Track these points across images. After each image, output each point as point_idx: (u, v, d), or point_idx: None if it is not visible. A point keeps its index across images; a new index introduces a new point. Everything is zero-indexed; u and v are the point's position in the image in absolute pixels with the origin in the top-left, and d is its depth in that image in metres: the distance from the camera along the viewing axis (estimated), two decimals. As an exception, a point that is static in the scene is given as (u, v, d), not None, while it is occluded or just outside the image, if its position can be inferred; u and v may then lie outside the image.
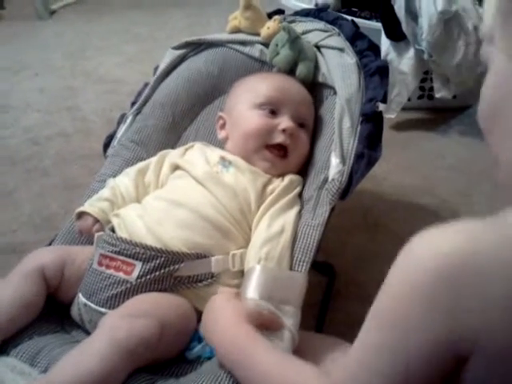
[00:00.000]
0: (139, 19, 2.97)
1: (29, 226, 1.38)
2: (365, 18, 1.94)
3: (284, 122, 0.97)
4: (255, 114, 0.99)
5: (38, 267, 0.82)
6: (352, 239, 1.31)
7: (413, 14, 1.61)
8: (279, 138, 0.97)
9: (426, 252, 0.42)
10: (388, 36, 1.67)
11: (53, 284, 0.83)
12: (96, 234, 0.88)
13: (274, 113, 0.99)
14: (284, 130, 0.97)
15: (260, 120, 0.98)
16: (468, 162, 1.56)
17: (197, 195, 0.90)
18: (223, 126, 1.04)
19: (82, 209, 0.93)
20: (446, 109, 1.86)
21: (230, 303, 0.74)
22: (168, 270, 0.80)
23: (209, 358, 0.76)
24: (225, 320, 0.71)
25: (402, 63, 1.67)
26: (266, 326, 0.74)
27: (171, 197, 0.90)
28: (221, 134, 1.05)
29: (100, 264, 0.82)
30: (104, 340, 0.68)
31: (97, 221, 0.91)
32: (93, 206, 0.93)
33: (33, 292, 0.80)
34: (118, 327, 0.70)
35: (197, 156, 0.99)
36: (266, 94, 1.00)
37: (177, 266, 0.80)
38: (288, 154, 0.98)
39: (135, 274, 0.79)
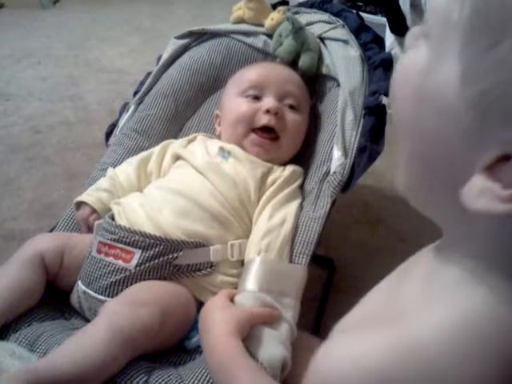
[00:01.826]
0: (143, 10, 2.96)
1: (30, 214, 1.38)
2: (370, 12, 1.94)
3: (267, 102, 0.98)
4: (240, 101, 1.00)
5: (38, 254, 0.82)
6: (352, 234, 1.31)
7: (418, 9, 1.60)
8: (264, 120, 0.97)
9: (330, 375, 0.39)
10: (393, 31, 1.66)
11: (52, 271, 0.83)
12: (96, 222, 0.88)
13: (258, 98, 0.99)
14: (268, 111, 0.97)
15: (244, 105, 0.99)
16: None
17: (197, 184, 0.90)
18: (220, 123, 1.05)
19: (79, 198, 0.93)
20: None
21: (224, 313, 0.72)
22: (167, 258, 0.80)
23: None
24: (215, 333, 0.69)
25: (407, 59, 1.67)
26: (264, 319, 0.74)
27: (171, 186, 0.90)
28: (217, 131, 1.06)
29: (99, 252, 0.82)
30: (105, 326, 0.68)
31: (94, 211, 0.91)
32: (91, 195, 0.93)
33: (32, 279, 0.80)
34: (119, 314, 0.70)
35: (198, 147, 0.99)
36: (248, 80, 1.01)
37: (176, 255, 0.80)
38: (278, 135, 0.98)
39: (134, 261, 0.79)
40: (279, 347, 0.71)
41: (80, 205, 0.93)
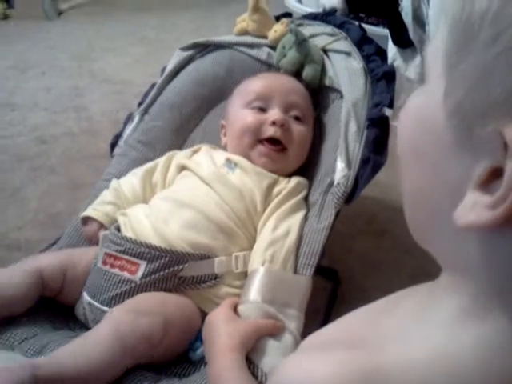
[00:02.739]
0: (147, 21, 2.99)
1: (34, 224, 1.38)
2: (372, 24, 1.95)
3: (273, 114, 0.98)
4: (245, 112, 1.00)
5: (37, 269, 0.81)
6: (357, 245, 1.30)
7: (420, 21, 1.60)
8: (270, 131, 0.97)
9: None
10: (395, 42, 1.67)
11: (53, 286, 0.82)
12: (101, 233, 0.88)
13: (263, 109, 1.00)
14: (274, 123, 0.97)
15: (249, 117, 0.99)
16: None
17: (203, 195, 0.90)
18: (225, 133, 1.06)
19: (86, 214, 0.93)
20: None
21: (229, 327, 0.72)
22: (172, 270, 0.80)
23: None
24: (218, 347, 0.69)
25: (409, 70, 1.67)
26: (269, 331, 0.74)
27: (177, 197, 0.90)
28: (223, 141, 1.06)
29: (105, 263, 0.82)
30: (107, 332, 0.69)
31: (101, 225, 0.92)
32: (96, 210, 0.93)
33: (27, 284, 0.79)
34: (122, 321, 0.71)
35: (203, 157, 1.00)
36: (253, 92, 1.01)
37: (181, 267, 0.81)
38: (285, 147, 0.98)
39: (140, 273, 0.80)
40: (282, 358, 0.71)
41: (86, 220, 0.94)
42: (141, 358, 0.71)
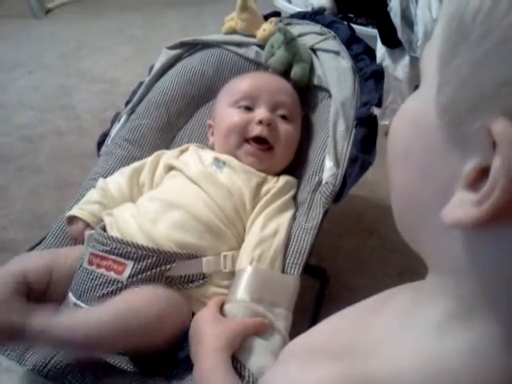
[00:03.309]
0: (135, 20, 2.97)
1: (20, 224, 1.37)
2: (361, 24, 1.95)
3: (259, 113, 0.98)
4: (232, 111, 1.00)
5: (21, 271, 0.79)
6: (345, 244, 1.31)
7: (408, 22, 1.61)
8: (256, 130, 0.97)
9: None
10: (383, 42, 1.67)
11: (38, 288, 0.81)
12: (87, 233, 0.87)
13: (250, 108, 1.00)
14: (260, 122, 0.97)
15: (236, 116, 0.99)
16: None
17: (191, 195, 0.90)
18: (212, 133, 1.05)
19: (71, 213, 0.92)
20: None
21: (215, 328, 0.72)
22: (159, 270, 0.79)
23: None
24: (204, 347, 0.70)
25: (397, 70, 1.68)
26: (256, 330, 0.74)
27: (165, 197, 0.90)
28: (210, 141, 1.06)
29: (90, 263, 0.81)
30: (109, 309, 0.72)
31: (87, 225, 0.91)
32: (82, 209, 0.92)
33: (11, 288, 0.76)
34: (123, 305, 0.73)
35: (191, 157, 0.99)
36: (240, 91, 1.01)
37: (168, 266, 0.80)
38: (271, 146, 0.98)
39: (126, 273, 0.78)
40: (271, 357, 0.71)
41: (72, 219, 0.92)
42: (134, 342, 0.72)
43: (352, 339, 0.39)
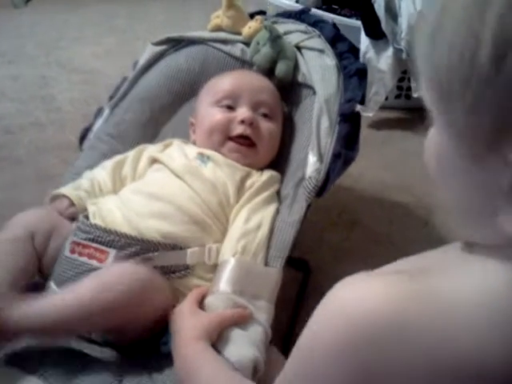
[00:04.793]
0: (117, 11, 2.93)
1: (-1, 217, 1.34)
2: (345, 15, 1.95)
3: (241, 113, 0.98)
4: (214, 111, 1.00)
5: (28, 233, 0.82)
6: (328, 236, 1.31)
7: (392, 13, 1.62)
8: (239, 129, 0.98)
9: (351, 306, 0.39)
10: (367, 34, 1.68)
11: (40, 252, 0.83)
12: (73, 225, 0.86)
13: (232, 108, 1.00)
14: (242, 121, 0.97)
15: (218, 115, 0.99)
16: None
17: (175, 188, 0.90)
18: (194, 130, 1.05)
19: (59, 191, 0.92)
20: (423, 109, 1.87)
21: (193, 319, 0.72)
22: (142, 259, 0.79)
23: None
24: (183, 337, 0.70)
25: (381, 62, 1.68)
26: (234, 321, 0.74)
27: (149, 190, 0.90)
28: (192, 138, 1.06)
29: (72, 251, 0.80)
30: (91, 282, 0.73)
31: (72, 205, 0.90)
32: (70, 190, 0.92)
33: (26, 258, 0.81)
34: (107, 275, 0.74)
35: (175, 151, 0.99)
36: (222, 90, 1.01)
37: (151, 255, 0.80)
38: (254, 143, 0.99)
39: (109, 261, 0.78)
40: (250, 348, 0.71)
41: (56, 198, 0.92)
42: (117, 315, 0.72)
43: (416, 265, 0.44)
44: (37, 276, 0.85)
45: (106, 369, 0.70)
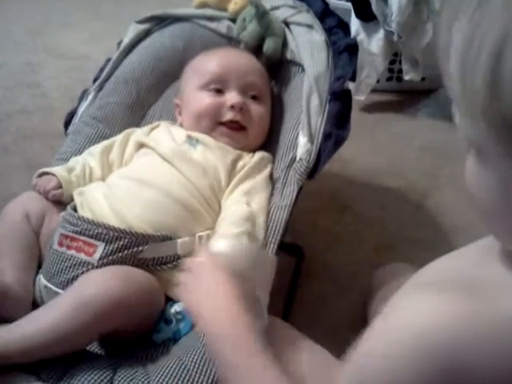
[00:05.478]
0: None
1: (-14, 207, 1.32)
2: (335, -3, 1.92)
3: (231, 98, 0.97)
4: (202, 95, 0.98)
5: (25, 215, 0.84)
6: (320, 221, 1.30)
7: (383, -6, 1.59)
8: (229, 115, 0.96)
9: (419, 324, 0.39)
10: (358, 16, 1.65)
11: (36, 231, 0.85)
12: (60, 214, 0.85)
13: (220, 91, 0.98)
14: (232, 107, 0.96)
15: (207, 100, 0.97)
16: (437, 144, 1.57)
17: (164, 173, 0.88)
18: (180, 112, 1.03)
19: (49, 169, 0.91)
20: (415, 91, 1.86)
21: (222, 287, 0.61)
22: (132, 252, 0.78)
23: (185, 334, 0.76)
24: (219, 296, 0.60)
25: (372, 44, 1.66)
26: None
27: (137, 176, 0.88)
28: (179, 120, 1.04)
29: (60, 244, 0.79)
30: (70, 296, 0.70)
31: (60, 186, 0.89)
32: (60, 171, 0.91)
33: (30, 236, 0.84)
34: (89, 284, 0.71)
35: (162, 134, 0.97)
36: (209, 73, 0.99)
37: (141, 248, 0.79)
38: (244, 126, 0.97)
39: (97, 255, 0.77)
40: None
41: (44, 175, 0.91)
42: (108, 323, 0.70)
43: (473, 276, 0.42)
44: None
45: (98, 362, 0.69)
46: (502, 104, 0.31)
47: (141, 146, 0.97)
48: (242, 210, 0.85)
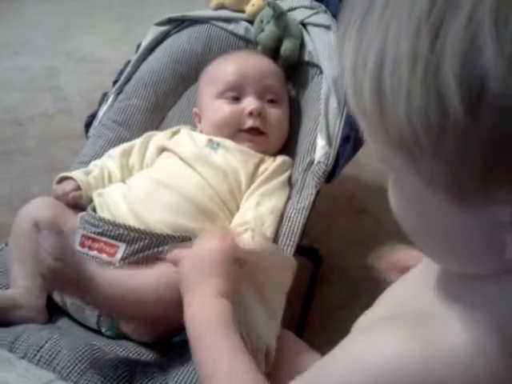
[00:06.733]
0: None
1: (7, 208, 1.34)
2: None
3: (249, 104, 0.96)
4: (219, 103, 0.98)
5: (32, 224, 0.83)
6: (337, 225, 1.30)
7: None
8: (249, 123, 0.96)
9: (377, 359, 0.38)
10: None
11: None
12: (79, 215, 0.86)
13: (237, 98, 0.98)
14: (251, 113, 0.95)
15: (225, 109, 0.97)
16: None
17: (185, 177, 0.89)
18: (200, 120, 1.03)
19: (68, 174, 0.92)
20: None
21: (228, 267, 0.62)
22: (152, 252, 0.79)
23: None
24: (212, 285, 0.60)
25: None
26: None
27: (158, 177, 0.89)
28: (198, 127, 1.04)
29: (82, 245, 0.80)
30: (155, 272, 0.74)
31: (79, 189, 0.90)
32: (79, 175, 0.92)
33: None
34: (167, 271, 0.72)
35: (184, 138, 0.98)
36: (225, 81, 0.99)
37: (161, 249, 0.79)
38: (264, 130, 0.97)
39: (119, 255, 0.78)
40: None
41: (63, 180, 0.92)
42: (167, 309, 0.71)
43: (422, 307, 0.40)
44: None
45: (118, 362, 0.70)
46: (389, 125, 0.30)
47: (163, 150, 0.97)
48: (249, 208, 0.86)
